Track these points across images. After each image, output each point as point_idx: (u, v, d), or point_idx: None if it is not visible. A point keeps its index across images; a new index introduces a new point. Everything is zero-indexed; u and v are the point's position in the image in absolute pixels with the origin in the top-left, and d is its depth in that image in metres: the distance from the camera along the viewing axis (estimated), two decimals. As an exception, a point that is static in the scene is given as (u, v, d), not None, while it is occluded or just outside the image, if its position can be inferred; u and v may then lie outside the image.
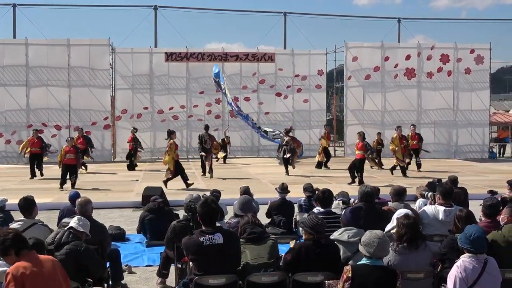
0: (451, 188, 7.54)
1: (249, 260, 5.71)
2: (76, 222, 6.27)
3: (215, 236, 5.46)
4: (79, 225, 6.23)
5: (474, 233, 5.17)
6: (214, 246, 5.43)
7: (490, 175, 19.89)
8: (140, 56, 27.32)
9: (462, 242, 5.21)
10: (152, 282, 7.92)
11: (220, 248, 5.44)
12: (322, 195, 7.64)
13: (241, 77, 28.15)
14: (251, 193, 9.62)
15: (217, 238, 5.46)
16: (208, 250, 5.42)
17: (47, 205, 12.94)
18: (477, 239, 5.15)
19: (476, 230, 5.24)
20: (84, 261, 5.82)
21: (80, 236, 6.15)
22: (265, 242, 5.89)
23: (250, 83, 28.29)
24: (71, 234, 6.07)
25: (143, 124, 27.16)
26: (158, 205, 9.86)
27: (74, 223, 6.25)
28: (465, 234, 5.21)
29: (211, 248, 5.42)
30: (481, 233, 5.23)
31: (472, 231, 5.21)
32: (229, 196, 11.99)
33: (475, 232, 5.19)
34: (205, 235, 5.47)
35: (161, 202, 10.02)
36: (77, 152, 16.89)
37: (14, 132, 25.85)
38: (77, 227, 6.20)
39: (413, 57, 28.24)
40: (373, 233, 5.06)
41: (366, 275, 4.89)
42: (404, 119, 27.72)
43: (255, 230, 5.93)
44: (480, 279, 5.07)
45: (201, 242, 5.43)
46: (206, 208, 5.60)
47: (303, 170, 20.97)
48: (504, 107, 44.57)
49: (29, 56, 25.98)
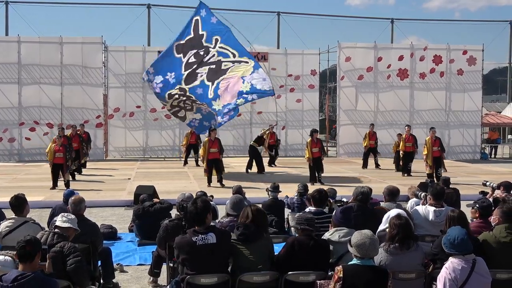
0: (442, 189, 7.55)
1: (240, 260, 5.66)
2: (60, 219, 6.09)
3: (208, 236, 5.46)
4: (63, 221, 6.04)
5: (457, 237, 5.17)
6: (207, 246, 5.42)
7: (482, 175, 19.96)
8: (133, 54, 27.22)
9: (447, 248, 5.21)
10: (144, 281, 7.91)
11: (213, 248, 5.44)
12: (318, 194, 7.61)
13: (234, 76, 28.04)
14: (243, 192, 9.62)
15: (210, 238, 5.46)
16: (201, 250, 5.41)
17: (39, 203, 12.89)
18: (461, 242, 5.15)
19: (458, 233, 5.23)
20: (68, 265, 5.52)
21: (66, 234, 5.94)
22: (258, 242, 5.76)
23: (243, 83, 28.19)
24: (56, 235, 5.83)
25: (136, 122, 27.12)
26: (142, 209, 9.89)
27: (59, 221, 6.07)
28: (448, 240, 5.21)
29: (204, 248, 5.42)
30: (464, 234, 5.21)
31: (454, 235, 5.21)
32: (221, 195, 11.99)
33: (458, 235, 5.19)
34: (198, 234, 5.47)
35: (146, 206, 9.95)
36: (66, 151, 16.54)
37: (6, 130, 25.70)
38: (62, 224, 6.01)
39: (406, 58, 28.31)
40: (363, 234, 5.07)
41: (358, 275, 4.90)
42: (397, 120, 27.80)
43: (246, 231, 5.73)
44: (470, 279, 5.08)
45: (194, 242, 5.43)
46: (196, 208, 5.59)
47: (296, 170, 20.99)
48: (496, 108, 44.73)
49: (21, 53, 25.81)
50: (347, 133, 28.05)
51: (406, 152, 19.99)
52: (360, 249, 4.98)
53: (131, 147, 27.20)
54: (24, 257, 4.80)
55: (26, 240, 4.84)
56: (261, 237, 5.81)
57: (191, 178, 18.58)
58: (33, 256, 4.83)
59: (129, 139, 27.08)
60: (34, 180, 18.08)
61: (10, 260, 5.41)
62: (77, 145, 19.04)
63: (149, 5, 31.23)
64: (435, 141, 18.24)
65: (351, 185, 14.10)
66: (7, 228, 6.63)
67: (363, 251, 4.97)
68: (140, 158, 26.51)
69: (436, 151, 18.12)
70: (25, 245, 4.80)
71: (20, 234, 5.92)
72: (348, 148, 28.15)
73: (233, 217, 7.47)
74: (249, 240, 5.69)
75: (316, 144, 17.58)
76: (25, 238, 4.90)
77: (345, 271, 4.91)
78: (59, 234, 5.85)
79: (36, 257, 4.85)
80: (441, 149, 18.41)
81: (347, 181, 17.36)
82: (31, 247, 4.81)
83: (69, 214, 6.28)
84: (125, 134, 27.04)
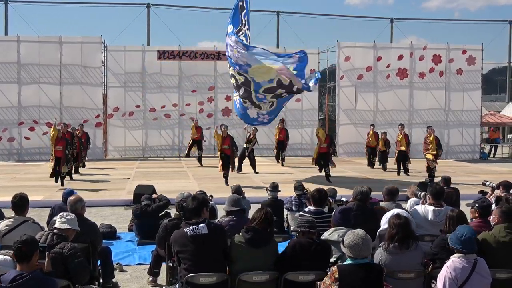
0: (441, 189, 7.54)
1: (244, 263, 5.65)
2: (59, 220, 6.02)
3: (199, 227, 5.58)
4: (63, 222, 5.99)
5: (465, 234, 5.19)
6: (198, 236, 5.53)
7: (481, 175, 19.96)
8: (132, 54, 27.18)
9: (453, 242, 5.23)
10: (143, 281, 7.91)
11: (204, 239, 5.53)
12: (317, 194, 7.58)
13: (234, 76, 28.02)
14: (242, 192, 9.62)
15: (201, 229, 5.57)
16: (192, 240, 5.52)
17: (38, 202, 12.84)
18: (468, 240, 5.17)
19: (468, 230, 5.27)
20: (69, 265, 5.52)
21: (66, 235, 5.89)
22: (267, 247, 5.76)
23: (242, 82, 28.16)
24: (55, 236, 5.77)
25: (135, 122, 27.09)
26: (140, 209, 9.91)
27: (58, 222, 6.01)
28: (456, 234, 5.23)
29: (195, 238, 5.52)
30: (472, 233, 5.26)
31: (463, 231, 5.23)
32: (220, 195, 11.97)
33: (467, 233, 5.21)
34: (189, 225, 5.61)
35: (143, 206, 9.98)
36: (67, 144, 16.67)
37: (5, 130, 25.67)
38: (61, 226, 5.95)
39: (405, 57, 28.28)
40: (355, 234, 5.06)
41: (353, 274, 4.91)
42: (396, 119, 27.76)
43: (256, 236, 5.70)
44: (470, 279, 5.10)
45: (186, 232, 5.57)
46: (193, 201, 5.81)
47: (295, 170, 21.00)
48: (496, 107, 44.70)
49: (20, 53, 25.78)
50: (347, 133, 28.02)
51: (400, 151, 20.05)
52: (353, 249, 4.98)
53: (131, 147, 27.18)
54: (21, 258, 4.79)
55: (22, 241, 4.83)
56: (270, 241, 5.84)
57: (190, 178, 18.56)
58: (30, 256, 4.81)
59: (128, 139, 27.05)
60: (33, 179, 18.07)
61: (10, 259, 5.37)
62: (77, 147, 19.22)
63: (148, 5, 31.22)
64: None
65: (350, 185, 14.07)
66: (7, 227, 6.62)
67: (356, 252, 4.98)
68: (139, 157, 26.48)
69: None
70: (21, 246, 4.79)
71: (19, 233, 5.86)
72: (347, 147, 28.13)
73: (233, 216, 7.48)
74: (259, 245, 5.70)
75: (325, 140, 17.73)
76: (21, 238, 4.88)
77: (340, 272, 4.92)
78: (59, 235, 5.82)
79: (33, 257, 4.83)
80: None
81: (346, 180, 17.34)
82: (27, 248, 4.80)
83: (68, 214, 6.23)
84: (124, 134, 27.00)
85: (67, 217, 6.11)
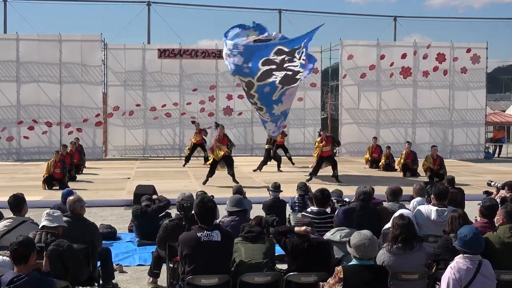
0: (445, 189, 7.49)
1: (243, 258, 5.69)
2: (47, 218, 5.96)
3: (213, 233, 5.56)
4: (50, 220, 5.93)
5: (470, 234, 5.16)
6: (212, 242, 5.51)
7: (486, 175, 19.82)
8: (132, 52, 27.08)
9: (457, 243, 5.19)
10: (143, 282, 7.87)
11: (216, 246, 5.52)
12: (320, 194, 7.51)
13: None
14: (243, 192, 9.53)
15: (215, 235, 5.56)
16: (205, 246, 5.48)
17: (37, 203, 12.75)
18: (473, 241, 5.14)
19: (473, 231, 5.22)
20: (66, 261, 5.57)
21: (56, 232, 5.87)
22: (262, 242, 5.88)
23: (244, 81, 28.08)
24: (49, 234, 5.78)
25: (135, 121, 27.02)
26: (140, 210, 9.85)
27: (46, 220, 5.95)
28: (461, 235, 5.19)
29: (208, 244, 5.49)
30: (477, 234, 5.22)
31: (468, 232, 5.20)
32: (222, 195, 11.85)
33: (472, 234, 5.17)
34: (203, 231, 5.56)
35: (143, 207, 9.92)
36: (64, 166, 16.48)
37: (4, 129, 25.59)
38: (49, 224, 5.91)
39: (409, 56, 28.13)
40: (362, 235, 5.04)
41: (358, 275, 4.89)
42: (400, 118, 27.69)
43: (253, 229, 5.93)
44: (474, 280, 5.06)
45: (199, 237, 5.52)
46: (203, 208, 5.71)
47: (297, 169, 20.91)
48: (500, 107, 44.63)
49: (20, 51, 25.68)
50: (350, 132, 27.92)
51: (407, 167, 19.66)
52: (359, 250, 4.96)
53: (131, 146, 27.12)
54: (18, 259, 4.75)
55: (18, 242, 4.78)
56: (263, 239, 5.95)
57: (191, 178, 18.52)
58: (27, 257, 4.76)
59: (128, 138, 26.99)
60: (32, 179, 17.95)
61: (8, 260, 5.32)
62: (77, 161, 19.35)
63: (149, 3, 31.05)
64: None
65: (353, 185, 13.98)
66: (5, 228, 6.57)
67: (362, 252, 4.96)
68: (139, 157, 26.42)
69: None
70: (17, 247, 4.75)
71: (18, 234, 5.83)
72: (350, 147, 28.02)
73: (235, 216, 7.44)
74: (254, 238, 5.83)
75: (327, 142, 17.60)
76: (17, 239, 4.84)
77: (345, 272, 4.90)
78: (52, 233, 5.82)
79: (30, 258, 4.78)
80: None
81: (350, 180, 17.25)
82: (23, 249, 4.75)
83: (54, 211, 6.14)
84: (124, 133, 26.94)
85: (54, 214, 6.05)
